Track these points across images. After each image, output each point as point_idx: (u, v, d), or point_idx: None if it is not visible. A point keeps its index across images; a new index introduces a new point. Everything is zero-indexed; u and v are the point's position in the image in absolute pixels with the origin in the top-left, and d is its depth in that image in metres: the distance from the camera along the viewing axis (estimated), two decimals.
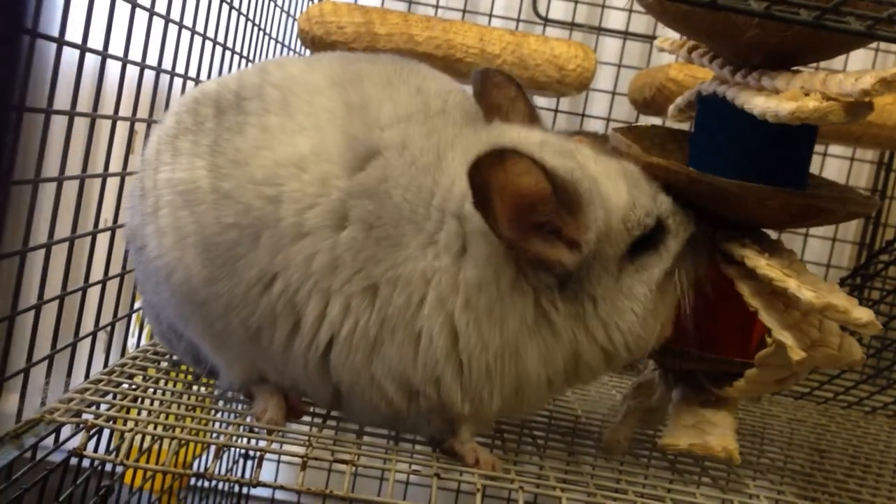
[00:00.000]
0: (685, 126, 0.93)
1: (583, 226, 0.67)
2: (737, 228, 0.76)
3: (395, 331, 0.67)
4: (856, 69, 1.47)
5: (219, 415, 0.77)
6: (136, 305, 1.06)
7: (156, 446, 1.08)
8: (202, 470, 0.68)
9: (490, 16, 1.50)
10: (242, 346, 0.73)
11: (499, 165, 0.62)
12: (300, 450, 0.68)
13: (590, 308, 0.68)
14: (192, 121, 0.74)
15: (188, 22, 1.00)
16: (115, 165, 0.89)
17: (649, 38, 1.48)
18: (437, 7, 1.47)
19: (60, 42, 0.72)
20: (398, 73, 0.75)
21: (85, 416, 0.71)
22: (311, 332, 0.68)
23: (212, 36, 1.08)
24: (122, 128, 0.89)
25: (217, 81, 0.80)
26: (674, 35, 0.85)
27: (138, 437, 0.68)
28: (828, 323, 0.70)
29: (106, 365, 0.87)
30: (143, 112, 0.93)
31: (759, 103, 0.68)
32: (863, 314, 0.65)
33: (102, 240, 0.89)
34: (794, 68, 0.73)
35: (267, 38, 1.30)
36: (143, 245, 0.75)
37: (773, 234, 0.80)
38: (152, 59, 0.93)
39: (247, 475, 1.53)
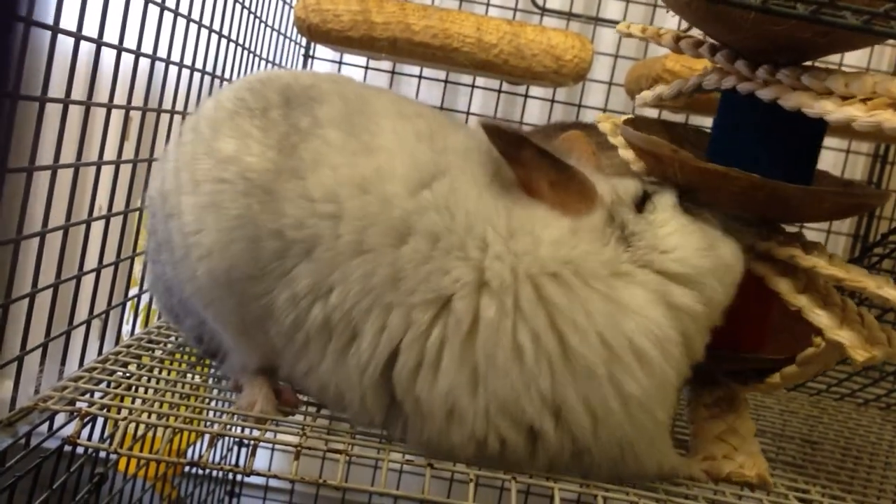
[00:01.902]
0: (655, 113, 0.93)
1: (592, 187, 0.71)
2: (758, 223, 0.77)
3: (494, 348, 0.65)
4: (852, 63, 1.46)
5: (213, 403, 0.77)
6: (131, 293, 1.06)
7: (150, 434, 1.09)
8: (196, 458, 0.68)
9: (487, 5, 1.49)
10: (273, 343, 0.72)
11: (512, 143, 0.69)
12: (294, 439, 0.68)
13: (639, 242, 0.70)
14: (257, 104, 0.74)
15: (183, 10, 1.00)
16: (109, 153, 0.89)
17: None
18: None
19: (55, 30, 0.71)
20: (451, 118, 0.79)
21: (79, 404, 0.71)
22: (371, 347, 0.67)
23: (207, 24, 1.07)
24: (116, 116, 0.89)
25: (289, 73, 0.80)
26: (671, 25, 0.85)
27: (132, 425, 0.68)
28: (868, 317, 0.70)
29: (100, 353, 0.87)
30: (137, 100, 0.93)
31: (829, 109, 0.67)
32: None
33: (97, 228, 0.89)
34: (836, 69, 0.73)
35: (263, 25, 1.30)
36: (173, 213, 0.73)
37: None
38: (147, 48, 0.93)
39: (241, 462, 1.54)
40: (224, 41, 1.14)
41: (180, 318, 0.84)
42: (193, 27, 1.04)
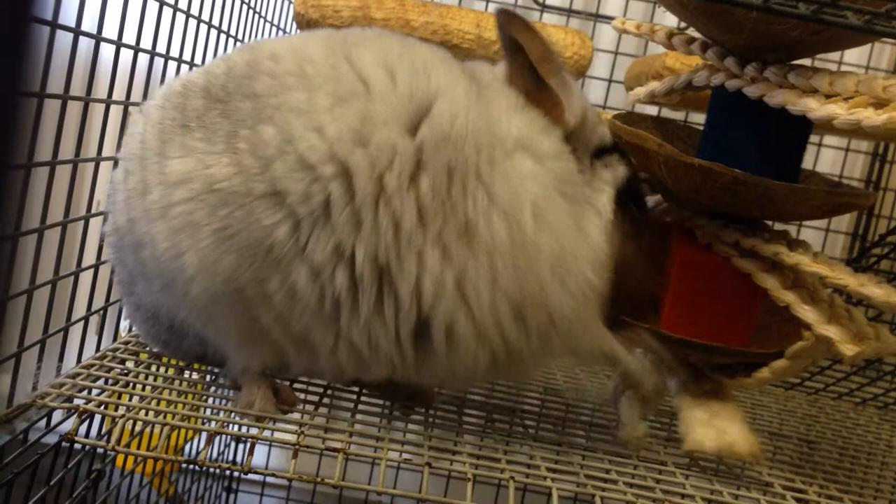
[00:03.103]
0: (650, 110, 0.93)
1: (571, 98, 0.76)
2: (743, 221, 0.77)
3: (504, 259, 0.69)
4: (852, 62, 1.46)
5: (210, 400, 0.77)
6: None
7: (147, 430, 1.08)
8: (194, 455, 0.68)
9: (487, 1, 1.49)
10: (294, 332, 0.71)
11: (515, 23, 0.75)
12: (291, 437, 0.68)
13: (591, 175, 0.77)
14: (190, 114, 0.71)
15: (182, 5, 0.99)
16: (108, 149, 0.89)
17: None
18: None
19: (54, 25, 0.71)
20: (391, 33, 0.79)
21: (77, 400, 0.71)
22: (412, 294, 0.68)
23: (206, 19, 1.07)
24: (115, 112, 0.89)
25: (197, 73, 0.76)
26: (672, 22, 0.85)
27: (130, 422, 0.68)
28: (856, 313, 0.71)
29: (98, 350, 0.87)
30: (136, 96, 0.93)
31: (813, 106, 0.68)
32: None
33: (95, 224, 0.88)
34: (822, 68, 0.73)
35: (262, 20, 1.29)
36: (144, 242, 0.70)
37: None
38: (146, 43, 0.93)
39: (238, 458, 1.54)
40: (223, 36, 1.14)
41: (170, 344, 0.81)
42: (192, 22, 1.04)
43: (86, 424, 0.79)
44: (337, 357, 0.71)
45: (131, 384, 0.77)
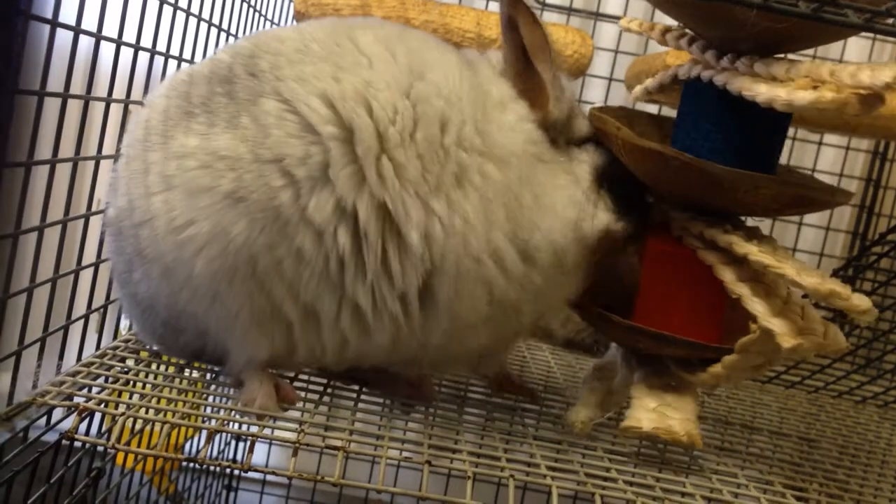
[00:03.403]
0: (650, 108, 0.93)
1: (558, 91, 0.79)
2: (715, 215, 0.76)
3: (495, 207, 0.73)
4: (853, 59, 1.47)
5: (210, 399, 0.77)
6: None
7: (148, 428, 1.08)
8: (194, 452, 0.68)
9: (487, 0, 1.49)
10: (303, 302, 0.72)
11: (516, 6, 0.76)
12: (291, 436, 0.68)
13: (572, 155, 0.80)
14: (194, 101, 0.73)
15: (183, 3, 0.99)
16: (108, 148, 0.89)
17: None
18: None
19: (54, 24, 0.71)
20: (387, 21, 0.84)
21: (77, 399, 0.71)
22: (421, 240, 0.71)
23: (206, 17, 1.07)
24: (115, 110, 0.89)
25: (204, 63, 0.78)
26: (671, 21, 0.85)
27: (130, 420, 0.68)
28: (810, 310, 0.71)
29: (98, 348, 0.87)
30: (137, 94, 0.93)
31: (762, 91, 0.68)
32: (862, 301, 0.66)
33: (95, 222, 0.88)
34: (787, 56, 0.73)
35: (262, 19, 1.29)
36: (144, 221, 0.71)
37: (766, 221, 0.80)
38: (147, 42, 0.93)
39: (239, 456, 1.54)
40: (223, 35, 1.14)
41: (165, 339, 0.81)
42: (193, 21, 1.04)
43: (86, 422, 0.79)
44: (340, 325, 0.73)
45: (131, 382, 0.77)
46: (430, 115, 0.72)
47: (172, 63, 1.01)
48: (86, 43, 0.78)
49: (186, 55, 1.04)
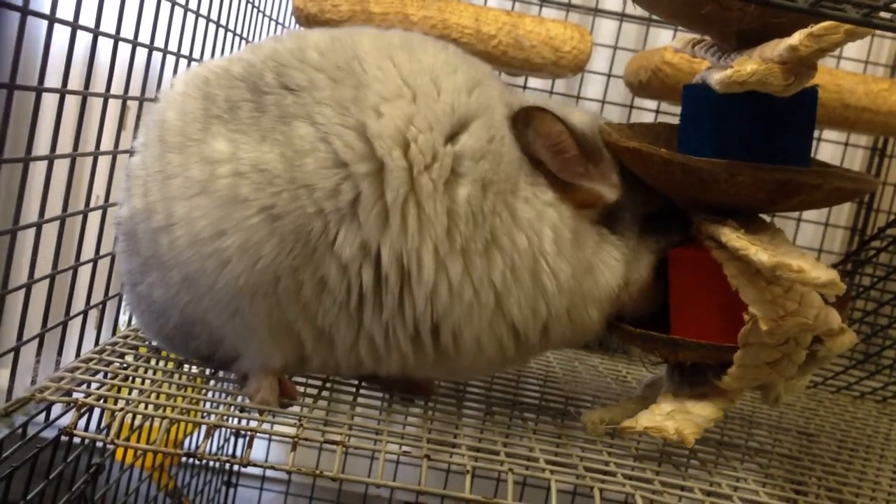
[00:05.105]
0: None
1: (606, 171, 0.76)
2: (726, 214, 0.76)
3: (520, 278, 0.72)
4: (851, 55, 1.46)
5: (210, 394, 0.77)
6: None
7: (147, 424, 1.09)
8: (193, 448, 0.68)
9: None
10: (319, 326, 0.72)
11: (529, 123, 0.73)
12: (290, 430, 0.68)
13: (631, 241, 0.78)
14: (221, 105, 0.71)
15: None
16: (106, 144, 0.89)
17: (646, 21, 1.47)
18: None
19: (52, 19, 0.71)
20: (431, 40, 0.79)
21: (76, 394, 0.71)
22: (428, 296, 0.70)
23: (205, 13, 1.07)
24: (113, 106, 0.88)
25: (229, 59, 0.76)
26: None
27: (129, 416, 0.68)
28: (809, 296, 0.69)
29: (97, 344, 0.87)
30: (134, 90, 0.92)
31: (714, 77, 0.68)
32: (821, 273, 0.64)
33: (93, 218, 0.88)
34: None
35: (261, 15, 1.29)
36: (168, 227, 0.69)
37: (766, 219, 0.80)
38: (144, 37, 0.93)
39: (238, 452, 1.54)
40: (221, 30, 1.14)
41: (174, 340, 0.80)
42: (191, 16, 1.03)
43: (85, 418, 0.79)
44: (357, 352, 0.73)
45: (130, 378, 0.77)
46: (475, 174, 0.70)
47: (170, 60, 1.01)
48: (84, 39, 0.78)
49: (184, 51, 1.04)
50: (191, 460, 1.43)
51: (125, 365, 0.81)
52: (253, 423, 0.69)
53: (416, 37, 0.78)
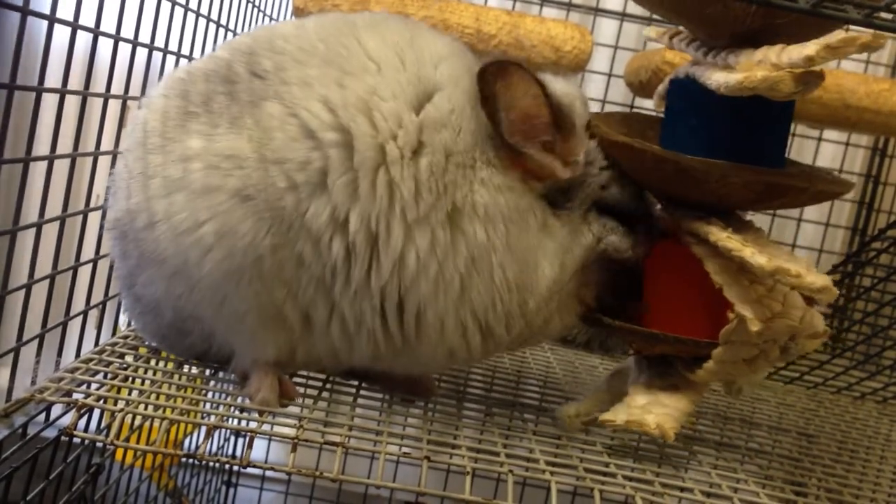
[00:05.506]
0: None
1: (573, 147, 0.74)
2: (707, 211, 0.76)
3: (480, 269, 0.71)
4: (852, 55, 1.46)
5: (209, 395, 0.77)
6: None
7: (147, 424, 1.09)
8: (193, 448, 0.68)
9: None
10: (301, 306, 0.72)
11: (503, 77, 0.69)
12: (290, 431, 0.68)
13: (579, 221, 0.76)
14: (195, 100, 0.72)
15: None
16: (106, 144, 0.89)
17: (646, 20, 1.47)
18: None
19: (52, 19, 0.71)
20: (401, 19, 0.79)
21: (75, 395, 0.71)
22: (395, 263, 0.70)
23: (205, 13, 1.07)
24: (114, 106, 0.88)
25: (202, 59, 0.78)
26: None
27: (129, 416, 0.68)
28: (792, 297, 0.70)
29: (97, 344, 0.87)
30: (135, 90, 0.92)
31: (715, 77, 0.68)
32: (817, 279, 0.64)
33: (94, 218, 0.88)
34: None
35: (261, 14, 1.29)
36: (152, 223, 0.70)
37: (764, 219, 0.80)
38: (144, 37, 0.93)
39: (238, 452, 1.54)
40: (222, 30, 1.13)
41: (168, 339, 0.81)
42: (191, 16, 1.03)
43: (85, 419, 0.79)
44: (330, 333, 0.73)
45: (130, 378, 0.77)
46: (436, 144, 0.70)
47: (171, 59, 1.01)
48: (84, 38, 0.77)
49: (185, 51, 1.04)
50: (191, 460, 1.43)
51: (125, 365, 0.81)
52: (253, 424, 0.69)
53: (381, 16, 0.79)
